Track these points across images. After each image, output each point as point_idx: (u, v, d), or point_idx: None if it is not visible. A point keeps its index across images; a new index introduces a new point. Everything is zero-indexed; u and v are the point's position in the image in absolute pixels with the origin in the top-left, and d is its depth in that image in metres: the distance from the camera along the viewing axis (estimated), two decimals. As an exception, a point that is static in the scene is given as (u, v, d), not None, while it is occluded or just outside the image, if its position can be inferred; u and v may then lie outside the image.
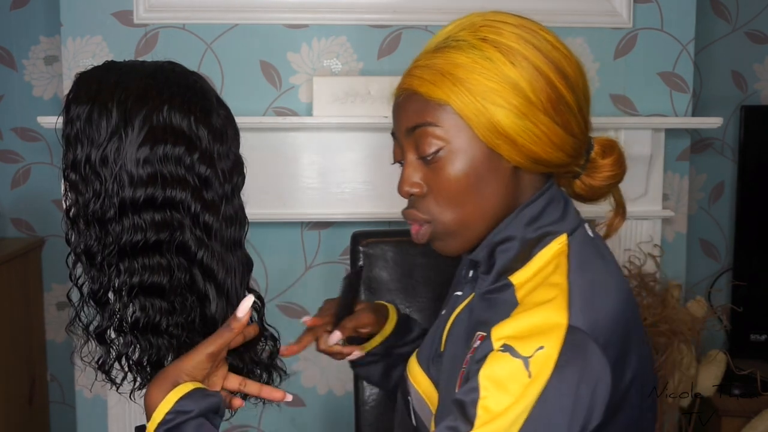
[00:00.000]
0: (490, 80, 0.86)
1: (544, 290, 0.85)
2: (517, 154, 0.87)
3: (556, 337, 0.80)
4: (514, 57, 0.87)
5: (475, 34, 0.89)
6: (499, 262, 0.91)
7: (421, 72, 0.89)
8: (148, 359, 0.98)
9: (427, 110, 0.88)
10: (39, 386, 2.32)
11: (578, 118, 0.90)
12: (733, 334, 2.36)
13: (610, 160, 0.95)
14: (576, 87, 0.89)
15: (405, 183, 0.92)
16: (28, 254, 2.25)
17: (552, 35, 0.90)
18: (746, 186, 2.37)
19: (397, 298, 1.49)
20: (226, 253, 0.98)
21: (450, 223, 0.91)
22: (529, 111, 0.86)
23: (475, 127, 0.87)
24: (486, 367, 0.81)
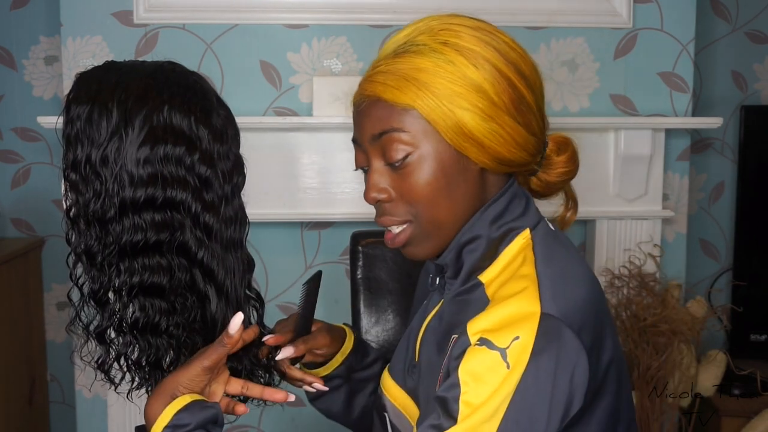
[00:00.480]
0: (455, 83, 0.86)
1: (514, 283, 0.86)
2: (484, 155, 0.88)
3: (530, 326, 0.81)
4: (476, 59, 0.87)
5: (435, 38, 0.89)
6: (467, 263, 0.92)
7: (384, 78, 0.89)
8: (147, 359, 0.99)
9: (392, 116, 0.88)
10: (39, 386, 2.32)
11: (537, 117, 0.91)
12: (733, 334, 2.36)
13: (564, 156, 0.96)
14: (534, 86, 0.91)
15: (372, 189, 0.92)
16: (28, 254, 2.25)
17: (508, 36, 0.91)
18: (746, 186, 2.37)
19: (396, 298, 1.49)
20: (226, 253, 0.98)
21: (424, 225, 0.91)
22: (494, 113, 0.87)
23: (442, 131, 0.87)
24: (465, 362, 0.82)
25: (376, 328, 1.51)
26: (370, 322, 1.50)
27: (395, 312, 1.50)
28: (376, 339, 1.50)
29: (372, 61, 0.95)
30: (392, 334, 1.50)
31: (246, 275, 1.02)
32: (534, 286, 0.85)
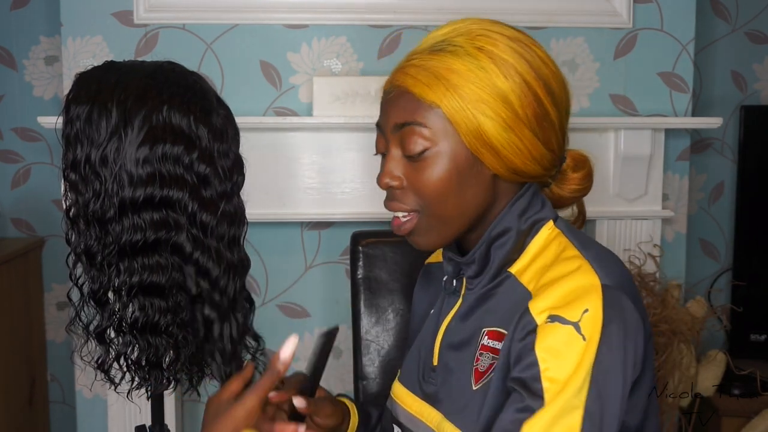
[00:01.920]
0: (482, 90, 0.88)
1: (563, 264, 0.89)
2: (498, 163, 0.91)
3: (595, 298, 0.84)
4: (507, 70, 0.89)
5: (472, 42, 0.91)
6: (497, 258, 0.95)
7: (415, 72, 0.92)
8: (146, 359, 0.99)
9: (417, 110, 0.91)
10: (39, 386, 2.32)
11: (558, 135, 0.94)
12: (733, 334, 2.36)
13: (580, 174, 1.00)
14: (560, 104, 0.93)
15: (386, 175, 0.95)
16: (28, 254, 2.25)
17: (543, 51, 0.93)
18: (746, 186, 2.37)
19: (396, 298, 1.49)
20: (224, 250, 0.99)
21: (430, 218, 0.93)
22: (515, 124, 0.89)
23: (462, 133, 0.89)
24: (539, 340, 0.83)
25: (376, 328, 1.51)
26: (370, 322, 1.50)
27: (395, 312, 1.50)
28: (376, 339, 1.50)
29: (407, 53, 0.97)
30: (392, 334, 1.50)
31: (242, 274, 1.03)
32: (586, 264, 0.88)
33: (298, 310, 2.21)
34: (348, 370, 2.21)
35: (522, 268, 0.93)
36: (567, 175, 1.00)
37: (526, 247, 0.94)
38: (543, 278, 0.89)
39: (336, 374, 2.25)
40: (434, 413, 0.97)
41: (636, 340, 0.86)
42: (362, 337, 1.50)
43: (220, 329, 0.99)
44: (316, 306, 2.22)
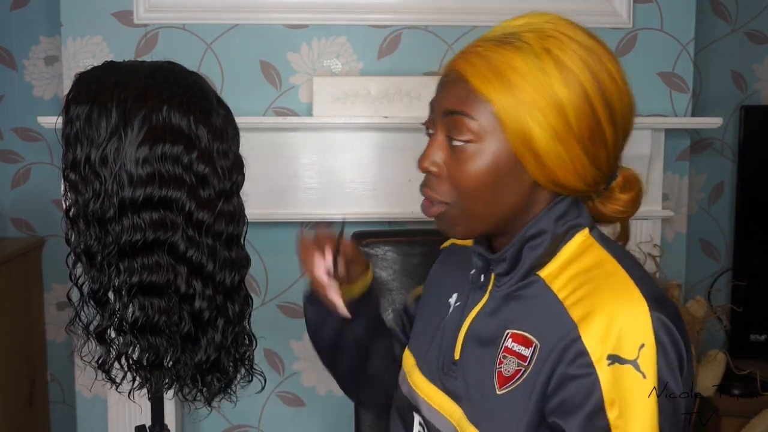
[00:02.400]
0: (539, 95, 0.85)
1: (607, 282, 0.87)
2: (541, 172, 0.88)
3: (647, 329, 0.82)
4: (569, 79, 0.86)
5: (541, 42, 0.87)
6: (528, 260, 0.93)
7: (476, 60, 0.88)
8: (147, 359, 0.99)
9: (469, 101, 0.88)
10: (39, 386, 2.32)
11: (610, 154, 0.90)
12: (733, 334, 2.36)
13: (628, 196, 0.96)
14: (619, 123, 0.90)
15: (426, 159, 0.93)
16: (28, 254, 2.25)
17: (615, 65, 0.90)
18: (746, 186, 2.37)
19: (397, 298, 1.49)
20: (221, 249, 0.99)
21: (460, 211, 0.92)
22: (565, 137, 0.86)
23: (508, 134, 0.87)
24: (603, 384, 0.81)
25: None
26: (370, 322, 1.50)
27: (395, 312, 1.50)
28: (376, 339, 1.50)
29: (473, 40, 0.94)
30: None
31: (241, 271, 1.03)
32: (631, 283, 0.86)
33: (298, 310, 2.21)
34: (348, 370, 2.21)
35: (552, 274, 0.91)
36: (614, 194, 0.96)
37: (558, 251, 0.92)
38: (581, 291, 0.87)
39: (336, 374, 2.25)
40: (455, 408, 0.96)
41: (688, 361, 0.85)
42: (362, 337, 1.50)
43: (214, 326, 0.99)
44: (316, 306, 2.22)
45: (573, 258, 0.91)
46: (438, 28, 2.09)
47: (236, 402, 1.09)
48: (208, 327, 0.99)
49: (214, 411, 2.24)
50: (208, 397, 1.05)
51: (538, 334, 0.88)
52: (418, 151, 0.96)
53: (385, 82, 2.04)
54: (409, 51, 2.11)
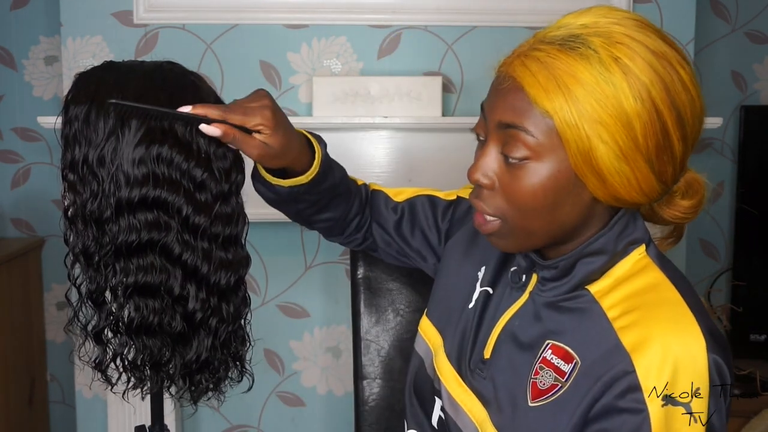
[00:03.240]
0: (604, 110, 0.79)
1: (665, 310, 0.83)
2: (602, 190, 0.82)
3: (702, 369, 0.80)
4: (639, 91, 0.79)
5: (609, 49, 0.80)
6: (580, 273, 0.88)
7: (537, 69, 0.81)
8: (142, 360, 0.99)
9: (527, 115, 0.81)
10: (39, 386, 2.32)
11: (677, 169, 0.84)
12: (733, 334, 2.36)
13: (689, 202, 0.90)
14: (688, 136, 0.83)
15: (477, 171, 0.86)
16: (28, 254, 2.26)
17: (688, 72, 0.82)
18: (746, 186, 2.37)
19: (396, 298, 1.49)
20: (217, 251, 0.99)
21: (514, 227, 0.86)
22: (631, 154, 0.80)
23: (570, 152, 0.80)
24: (654, 424, 0.79)
25: (376, 328, 1.50)
26: (370, 322, 1.50)
27: (395, 312, 1.50)
28: (376, 339, 1.50)
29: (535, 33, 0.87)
30: (392, 334, 1.50)
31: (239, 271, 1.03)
32: (689, 314, 0.82)
33: (298, 310, 2.21)
34: (348, 370, 2.21)
35: (603, 290, 0.86)
36: (674, 200, 0.90)
37: (611, 267, 0.87)
38: (634, 314, 0.83)
39: (336, 374, 2.25)
40: (480, 409, 0.93)
41: (729, 395, 0.84)
42: (362, 337, 1.50)
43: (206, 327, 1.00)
44: (316, 306, 2.22)
45: (627, 277, 0.86)
46: (438, 28, 2.09)
47: (223, 401, 1.08)
48: (200, 328, 0.99)
49: (214, 411, 2.24)
50: (195, 395, 1.04)
51: (581, 352, 0.84)
52: (418, 151, 0.95)
53: (385, 82, 2.04)
54: (409, 51, 2.11)
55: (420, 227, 1.16)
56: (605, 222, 0.88)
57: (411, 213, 1.17)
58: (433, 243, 1.16)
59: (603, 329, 0.83)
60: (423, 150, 2.01)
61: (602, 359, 0.82)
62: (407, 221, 1.17)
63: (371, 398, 1.47)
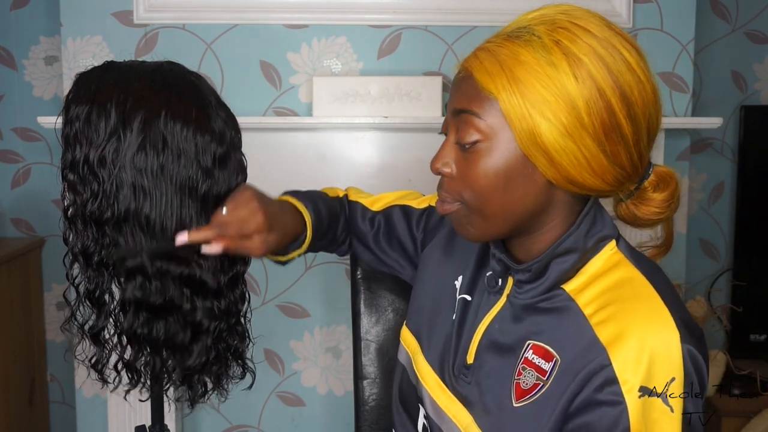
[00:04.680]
0: (547, 89, 0.81)
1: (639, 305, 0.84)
2: (552, 170, 0.84)
3: (677, 361, 0.81)
4: (580, 72, 0.81)
5: (551, 34, 0.83)
6: (554, 273, 0.89)
7: (484, 57, 0.85)
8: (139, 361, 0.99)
9: (476, 99, 0.85)
10: (39, 386, 2.32)
11: (631, 150, 0.85)
12: (733, 334, 2.36)
13: (662, 195, 0.91)
14: (638, 117, 0.84)
15: (437, 161, 0.90)
16: (28, 254, 2.26)
17: (634, 56, 0.84)
18: (746, 186, 2.37)
19: (396, 298, 1.49)
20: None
21: (473, 212, 0.89)
22: (576, 132, 0.82)
23: (515, 132, 0.83)
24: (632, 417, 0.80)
25: (376, 328, 1.50)
26: (370, 322, 1.50)
27: (395, 312, 1.50)
28: (376, 339, 1.50)
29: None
30: (392, 334, 1.50)
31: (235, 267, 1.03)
32: (662, 307, 0.83)
33: (298, 310, 2.21)
34: (348, 370, 2.21)
35: (578, 288, 0.88)
36: (646, 194, 0.91)
37: (584, 265, 0.89)
38: (609, 309, 0.84)
39: (336, 374, 2.25)
40: (464, 414, 0.94)
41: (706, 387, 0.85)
42: (362, 337, 1.50)
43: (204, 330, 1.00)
44: (316, 306, 2.22)
45: (600, 273, 0.88)
46: (438, 28, 2.09)
47: (226, 398, 1.08)
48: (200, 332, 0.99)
49: (214, 411, 2.24)
50: (192, 398, 1.04)
51: (560, 349, 0.86)
52: (418, 151, 0.96)
53: (385, 82, 2.04)
54: (409, 51, 2.11)
55: (397, 238, 1.19)
56: (571, 219, 0.90)
57: (387, 224, 1.19)
58: (410, 252, 1.18)
59: (580, 326, 0.85)
60: (423, 150, 2.01)
61: (580, 355, 0.83)
62: (384, 233, 1.20)
63: (371, 398, 1.47)
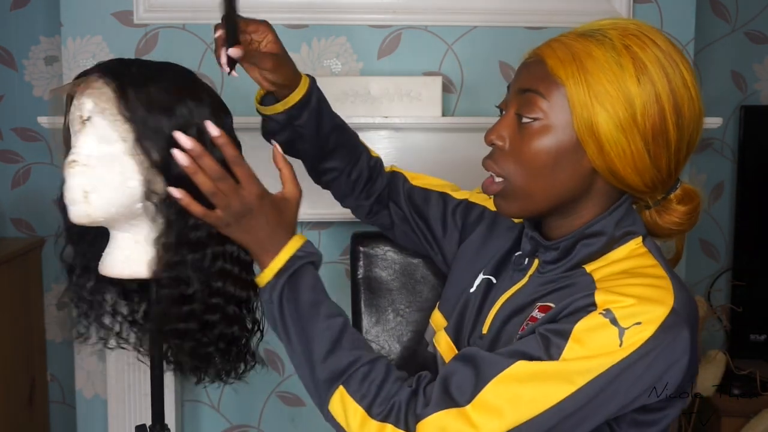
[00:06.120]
0: (611, 84, 0.89)
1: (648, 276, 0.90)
2: (600, 159, 0.91)
3: (656, 316, 0.85)
4: (643, 75, 0.89)
5: (622, 39, 0.91)
6: (579, 254, 0.96)
7: (557, 46, 0.93)
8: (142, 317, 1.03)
9: (544, 81, 0.92)
10: (39, 386, 2.32)
11: (671, 157, 0.92)
12: (733, 334, 2.36)
13: (685, 208, 0.99)
14: (684, 129, 0.92)
15: (493, 132, 0.96)
16: (28, 254, 2.25)
17: (691, 76, 0.92)
18: (746, 186, 2.37)
19: (396, 298, 1.50)
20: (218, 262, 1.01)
21: (517, 187, 0.95)
22: (629, 128, 0.89)
23: (575, 117, 0.90)
24: (584, 321, 0.85)
25: (376, 328, 1.51)
26: (370, 322, 1.51)
27: (395, 312, 1.51)
28: (376, 339, 1.51)
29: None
30: (392, 334, 1.50)
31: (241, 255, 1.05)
32: (669, 285, 0.90)
33: (298, 310, 2.21)
34: (348, 370, 2.21)
35: (597, 267, 0.94)
36: (671, 206, 0.99)
37: (609, 252, 0.95)
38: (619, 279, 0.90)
39: (336, 374, 2.25)
40: None
41: (669, 367, 0.87)
42: (362, 337, 1.50)
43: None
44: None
45: (621, 259, 0.94)
46: (438, 28, 2.09)
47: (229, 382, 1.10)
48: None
49: (214, 411, 2.24)
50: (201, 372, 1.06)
51: (559, 301, 0.92)
52: (418, 151, 0.97)
53: (385, 82, 2.04)
54: (409, 51, 2.11)
55: (428, 218, 1.25)
56: (607, 205, 0.96)
57: (425, 202, 1.26)
58: (437, 236, 1.25)
59: (586, 285, 0.92)
60: (423, 150, 2.01)
61: (571, 297, 0.90)
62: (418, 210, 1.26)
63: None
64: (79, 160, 0.97)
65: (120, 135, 0.96)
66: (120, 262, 1.02)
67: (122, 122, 0.95)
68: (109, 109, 0.95)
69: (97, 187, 0.98)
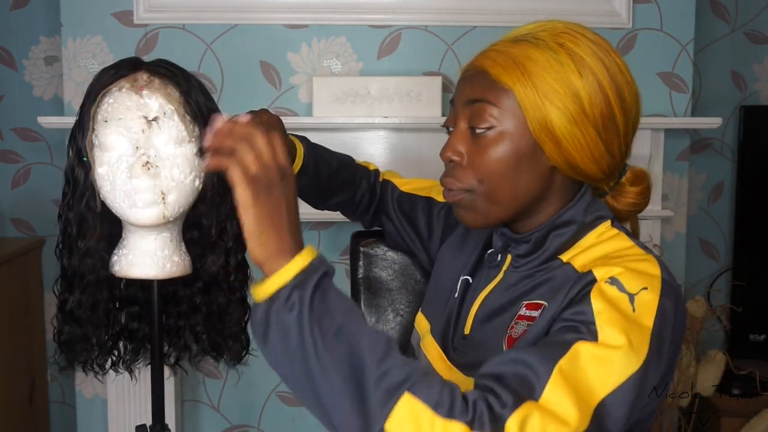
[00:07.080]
0: (556, 82, 0.91)
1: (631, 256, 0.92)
2: (559, 155, 0.93)
3: (656, 284, 0.87)
4: (583, 68, 0.92)
5: (555, 38, 0.95)
6: (552, 245, 0.97)
7: (495, 56, 0.95)
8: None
9: (491, 90, 0.93)
10: (39, 386, 2.32)
11: (621, 141, 0.96)
12: (733, 334, 2.36)
13: (637, 189, 1.03)
14: (628, 112, 0.96)
15: (449, 149, 0.97)
16: (28, 254, 2.25)
17: (622, 61, 0.96)
18: (746, 186, 2.37)
19: (396, 298, 1.50)
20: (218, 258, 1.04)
21: (480, 199, 0.95)
22: (581, 120, 0.92)
23: (529, 119, 0.92)
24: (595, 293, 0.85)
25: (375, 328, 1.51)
26: (370, 322, 1.51)
27: (395, 312, 1.51)
28: (375, 339, 1.51)
29: None
30: (392, 335, 1.50)
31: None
32: (653, 258, 0.92)
33: (298, 310, 2.21)
34: (348, 370, 2.21)
35: (574, 256, 0.95)
36: (624, 188, 1.02)
37: (580, 238, 0.97)
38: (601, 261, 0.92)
39: (336, 374, 2.25)
40: (463, 380, 0.99)
41: (679, 335, 0.88)
42: (362, 337, 1.50)
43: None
44: (316, 306, 2.22)
45: (595, 244, 0.96)
46: (438, 28, 2.10)
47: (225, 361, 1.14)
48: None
49: (214, 411, 2.24)
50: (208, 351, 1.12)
51: (549, 299, 0.92)
52: (418, 151, 0.97)
53: (385, 82, 2.04)
54: (409, 51, 2.11)
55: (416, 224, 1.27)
56: (568, 198, 0.98)
57: (411, 209, 1.28)
58: (423, 239, 1.27)
59: (569, 275, 0.92)
60: (423, 150, 2.01)
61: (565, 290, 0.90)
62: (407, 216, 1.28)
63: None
64: (152, 161, 0.97)
65: (190, 135, 0.97)
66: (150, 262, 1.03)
67: (190, 122, 0.96)
68: (176, 110, 0.96)
69: (173, 188, 1.00)
